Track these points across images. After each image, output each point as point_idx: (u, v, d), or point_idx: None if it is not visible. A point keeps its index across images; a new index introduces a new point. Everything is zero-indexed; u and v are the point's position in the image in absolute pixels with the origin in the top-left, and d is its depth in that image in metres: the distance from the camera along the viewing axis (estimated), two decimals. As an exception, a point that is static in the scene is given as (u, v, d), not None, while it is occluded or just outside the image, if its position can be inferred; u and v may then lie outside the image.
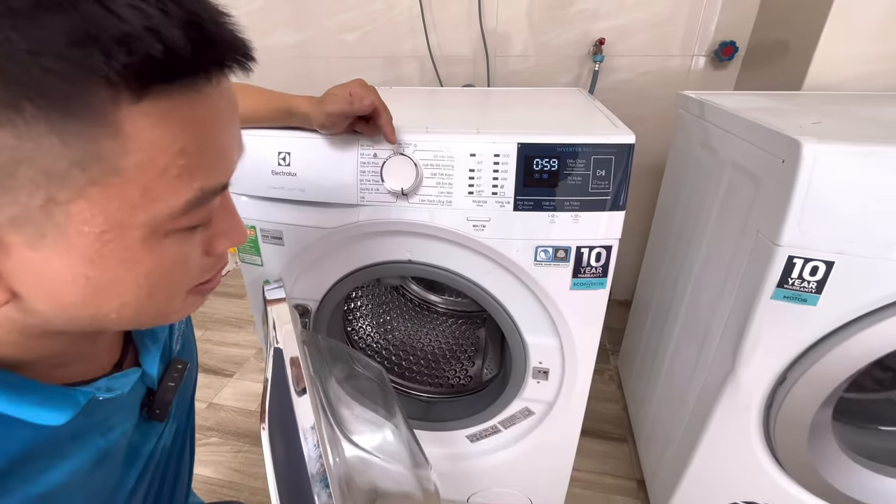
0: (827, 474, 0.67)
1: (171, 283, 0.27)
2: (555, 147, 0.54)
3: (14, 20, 0.17)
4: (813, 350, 0.59)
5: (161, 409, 0.38)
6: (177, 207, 0.23)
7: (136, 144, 0.21)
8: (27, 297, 0.23)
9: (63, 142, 0.19)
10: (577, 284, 0.60)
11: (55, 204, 0.21)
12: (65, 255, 0.22)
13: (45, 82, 0.18)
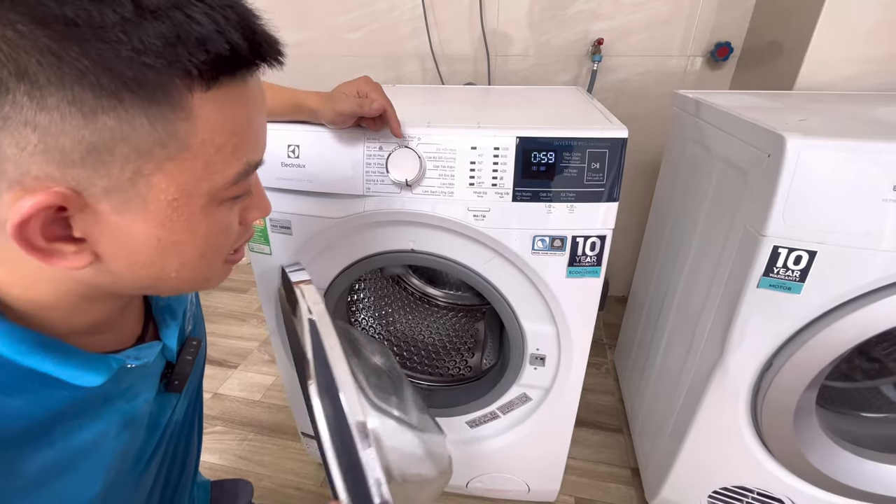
0: (812, 457, 0.70)
1: (218, 248, 0.31)
2: (552, 141, 0.56)
3: (123, 26, 0.21)
4: (797, 336, 0.62)
5: (179, 380, 0.42)
6: (229, 178, 0.28)
7: (202, 125, 0.25)
8: (107, 259, 0.27)
9: (151, 124, 0.24)
10: (573, 273, 0.63)
11: (140, 176, 0.25)
12: (143, 220, 0.26)
13: (142, 76, 0.22)
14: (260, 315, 1.63)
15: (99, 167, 0.23)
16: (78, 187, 0.24)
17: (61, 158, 0.22)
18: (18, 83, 0.20)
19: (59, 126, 0.22)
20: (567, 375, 0.73)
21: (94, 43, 0.21)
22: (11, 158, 0.22)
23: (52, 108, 0.21)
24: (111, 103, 0.22)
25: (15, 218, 0.23)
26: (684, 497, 0.88)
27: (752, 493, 0.80)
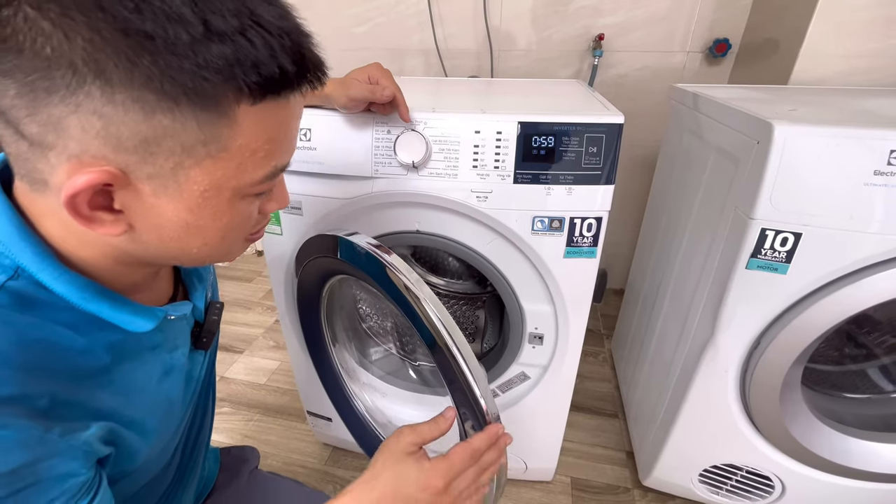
0: (797, 434, 0.73)
1: (237, 232, 0.35)
2: (552, 126, 0.59)
3: (192, 45, 0.25)
4: (784, 316, 0.65)
5: (207, 338, 0.46)
6: (256, 179, 0.32)
7: (242, 132, 0.29)
8: (139, 231, 0.31)
9: (199, 126, 0.27)
10: (570, 253, 0.66)
11: (181, 168, 0.28)
12: (175, 204, 0.30)
13: (200, 87, 0.26)
14: (265, 303, 1.66)
15: (147, 156, 0.27)
16: (126, 169, 0.27)
17: (117, 144, 0.26)
18: (95, 79, 0.24)
19: (122, 118, 0.25)
20: (564, 353, 0.76)
21: (165, 55, 0.25)
22: (75, 137, 0.26)
23: (119, 103, 0.25)
24: (169, 106, 0.26)
25: (70, 189, 0.26)
26: (676, 476, 0.91)
27: (741, 470, 0.83)
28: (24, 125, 0.25)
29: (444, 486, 0.43)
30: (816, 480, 0.78)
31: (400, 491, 0.42)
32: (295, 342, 0.88)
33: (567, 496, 0.99)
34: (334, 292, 0.80)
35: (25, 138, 0.26)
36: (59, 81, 0.24)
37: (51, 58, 0.23)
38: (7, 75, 0.24)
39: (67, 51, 0.23)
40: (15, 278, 0.29)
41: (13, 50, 0.23)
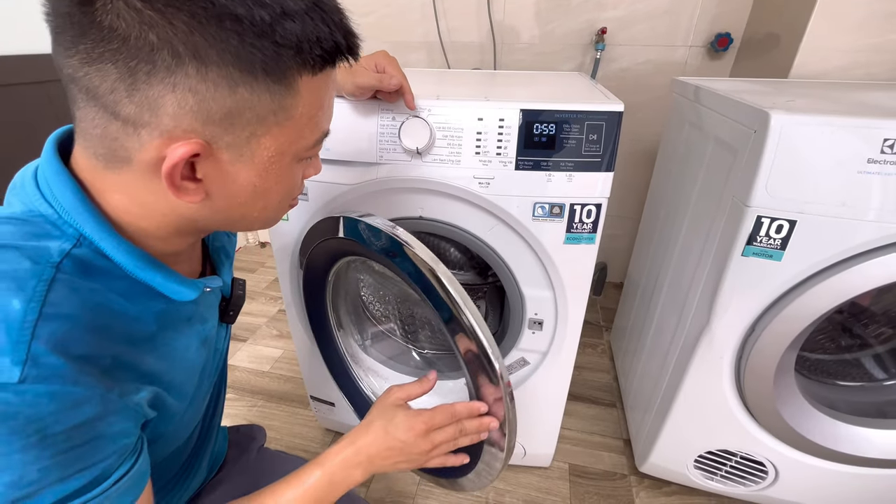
0: (791, 419, 0.74)
1: (290, 195, 0.39)
2: (553, 113, 0.61)
3: (272, 24, 0.28)
4: (778, 302, 0.66)
5: (234, 312, 0.50)
6: (311, 143, 0.36)
7: (303, 101, 0.33)
8: (214, 197, 0.34)
9: (271, 97, 0.31)
10: (570, 239, 0.67)
11: (254, 136, 0.32)
12: (247, 170, 0.33)
13: (275, 62, 0.30)
14: (268, 293, 1.68)
15: (229, 127, 0.30)
16: (210, 140, 0.30)
17: (206, 118, 0.29)
18: (192, 60, 0.27)
19: (213, 94, 0.29)
20: (563, 339, 0.78)
21: (250, 35, 0.28)
22: (170, 114, 0.29)
23: (210, 80, 0.28)
24: (249, 80, 0.29)
25: (172, 160, 0.29)
26: (672, 462, 0.93)
27: (736, 456, 0.85)
28: (121, 106, 0.28)
29: (425, 431, 0.52)
30: (809, 466, 0.80)
31: (389, 432, 0.51)
32: (300, 329, 0.90)
33: (565, 481, 1.01)
34: (340, 277, 0.81)
35: (119, 119, 0.29)
36: (160, 64, 0.27)
37: (154, 43, 0.26)
38: (110, 61, 0.27)
39: (171, 36, 0.26)
40: (78, 246, 0.32)
41: (119, 38, 0.26)
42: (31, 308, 0.27)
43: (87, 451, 0.30)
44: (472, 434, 0.55)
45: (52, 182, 0.32)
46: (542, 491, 0.99)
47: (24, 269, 0.28)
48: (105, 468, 0.31)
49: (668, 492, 0.99)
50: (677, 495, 0.98)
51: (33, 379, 0.26)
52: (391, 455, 0.51)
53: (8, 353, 0.26)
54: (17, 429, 0.26)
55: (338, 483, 0.48)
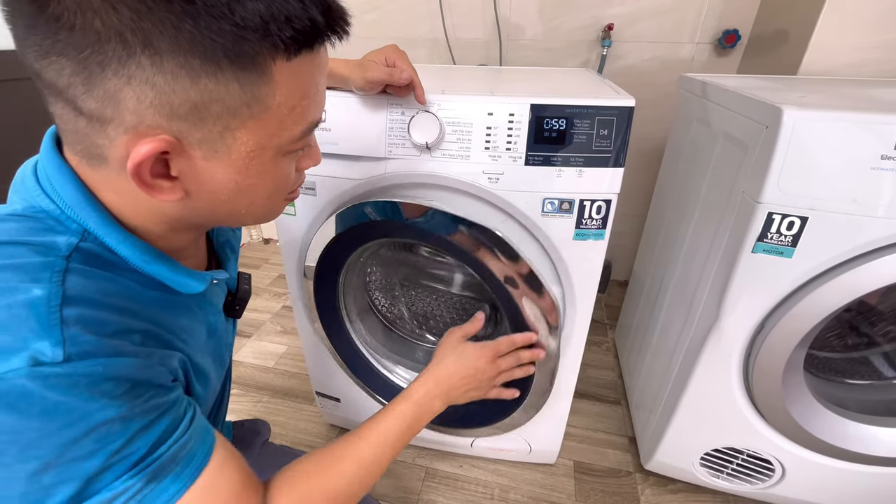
0: (799, 417, 0.74)
1: (280, 190, 0.37)
2: (563, 108, 0.60)
3: (230, 4, 0.26)
4: (788, 299, 0.66)
5: (240, 306, 0.50)
6: (296, 135, 0.33)
7: (280, 90, 0.30)
8: (193, 195, 0.33)
9: (241, 88, 0.28)
10: (579, 235, 0.67)
11: (228, 130, 0.30)
12: (225, 166, 0.32)
13: (239, 47, 0.27)
14: (272, 290, 1.68)
15: (197, 121, 0.28)
16: (179, 136, 0.29)
17: (170, 112, 0.28)
18: (144, 49, 0.25)
19: (171, 86, 0.27)
20: (570, 336, 0.77)
21: (205, 18, 0.25)
22: (131, 109, 0.27)
23: (167, 71, 0.26)
24: (212, 69, 0.27)
25: (135, 158, 0.28)
26: (677, 460, 0.92)
27: (743, 454, 0.85)
28: (81, 101, 0.27)
29: (492, 357, 0.61)
30: (816, 464, 0.79)
31: (462, 363, 0.60)
32: (306, 323, 0.90)
33: (570, 479, 1.01)
34: (348, 271, 0.81)
35: (84, 115, 0.28)
36: (111, 54, 0.25)
37: (100, 31, 0.25)
38: (62, 54, 0.25)
39: (116, 23, 0.24)
40: (84, 240, 0.32)
41: (65, 27, 0.25)
42: (54, 294, 0.28)
43: (153, 401, 0.31)
44: (526, 363, 0.64)
45: (52, 177, 0.32)
46: (546, 488, 0.99)
47: (36, 262, 0.29)
48: (175, 416, 0.33)
49: (673, 489, 0.99)
50: (683, 493, 0.98)
51: (77, 356, 0.27)
52: (465, 383, 0.60)
53: (45, 336, 0.26)
54: (84, 396, 0.27)
55: (423, 413, 0.56)
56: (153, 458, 0.31)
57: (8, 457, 0.26)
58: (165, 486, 0.31)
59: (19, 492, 0.27)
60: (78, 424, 0.27)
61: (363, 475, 0.47)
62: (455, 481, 1.01)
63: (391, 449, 0.51)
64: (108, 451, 0.28)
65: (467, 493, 0.98)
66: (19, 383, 0.25)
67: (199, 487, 0.33)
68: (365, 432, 0.50)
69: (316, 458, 0.45)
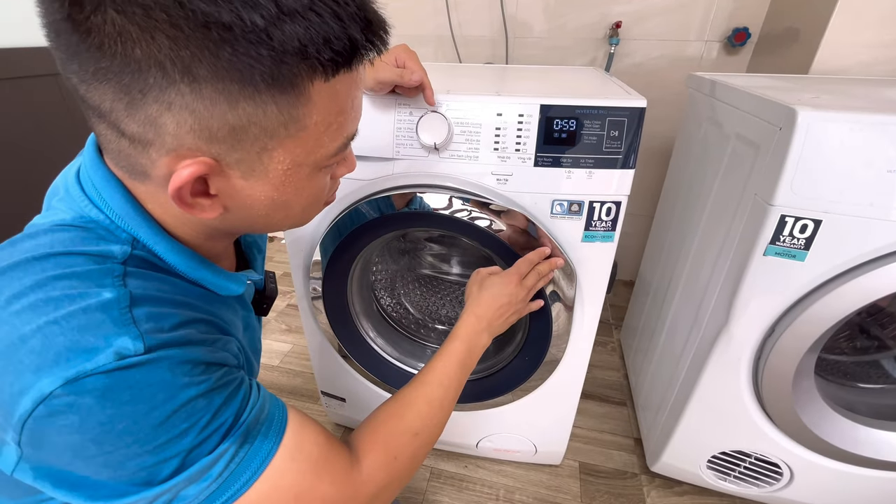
0: (809, 421, 0.73)
1: (317, 202, 0.38)
2: (574, 109, 0.60)
3: (267, 29, 0.25)
4: (800, 303, 0.65)
5: (268, 304, 0.51)
6: (332, 151, 0.34)
7: (317, 109, 0.30)
8: (232, 211, 0.34)
9: (278, 109, 0.29)
10: (588, 237, 0.66)
11: (265, 151, 0.30)
12: (262, 184, 0.32)
13: (277, 71, 0.27)
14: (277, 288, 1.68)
15: (235, 143, 0.29)
16: (218, 158, 0.29)
17: (209, 136, 0.28)
18: (183, 77, 0.26)
19: (210, 111, 0.27)
20: (578, 338, 0.77)
21: (243, 45, 0.25)
22: (171, 133, 0.28)
23: (206, 97, 0.26)
24: (250, 93, 0.27)
25: (175, 183, 0.29)
26: (684, 462, 0.92)
27: (750, 457, 0.84)
28: (124, 125, 0.28)
29: (518, 280, 0.64)
30: (826, 468, 0.79)
31: (495, 294, 0.63)
32: (312, 323, 0.90)
33: (575, 480, 1.01)
34: (355, 268, 0.81)
35: (126, 137, 0.29)
36: (152, 82, 0.26)
37: (140, 60, 0.25)
38: (104, 80, 0.26)
39: (155, 52, 0.25)
40: (135, 248, 0.33)
41: (107, 55, 0.25)
42: (122, 296, 0.29)
43: (226, 377, 0.33)
44: (546, 275, 0.66)
45: (100, 187, 0.33)
46: (552, 489, 0.99)
47: (96, 269, 0.30)
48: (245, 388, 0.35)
49: (679, 491, 0.98)
50: (689, 495, 0.98)
51: (156, 347, 0.29)
52: (503, 311, 0.62)
53: (123, 333, 0.28)
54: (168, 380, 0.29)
55: (473, 348, 0.59)
56: (239, 423, 0.33)
57: (109, 445, 0.28)
58: (258, 447, 0.33)
59: (127, 475, 0.29)
60: (166, 405, 0.29)
61: (435, 412, 0.50)
62: (460, 482, 1.01)
63: (453, 387, 0.54)
64: (199, 426, 0.30)
65: (472, 494, 0.98)
66: (109, 377, 0.27)
67: (287, 444, 0.35)
68: (425, 376, 0.53)
69: (388, 407, 0.48)
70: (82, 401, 0.27)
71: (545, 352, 0.76)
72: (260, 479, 0.33)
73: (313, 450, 0.37)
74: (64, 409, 0.26)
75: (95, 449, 0.28)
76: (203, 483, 0.31)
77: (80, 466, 0.28)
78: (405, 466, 0.45)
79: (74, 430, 0.27)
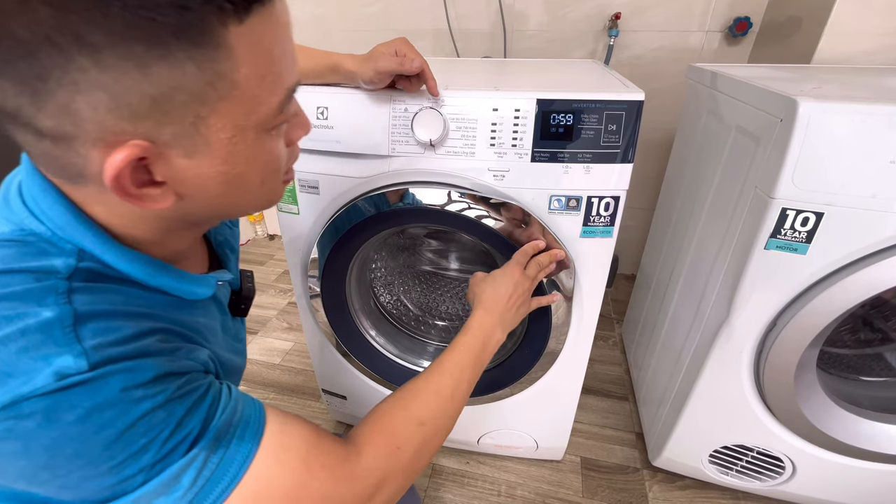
0: (811, 415, 0.73)
1: (275, 172, 0.35)
2: (570, 103, 0.59)
3: None
4: (802, 296, 0.65)
5: (245, 305, 0.49)
6: (274, 107, 0.30)
7: (243, 59, 0.27)
8: (186, 196, 0.31)
9: (198, 67, 0.25)
10: (587, 233, 0.66)
11: (200, 120, 0.27)
12: (209, 159, 0.29)
13: (182, 20, 0.24)
14: (277, 286, 1.68)
15: (163, 117, 0.26)
16: (150, 137, 0.26)
17: (131, 113, 0.25)
18: (80, 49, 0.23)
19: (122, 83, 0.24)
20: (578, 333, 0.76)
21: None
22: (89, 119, 0.25)
23: (112, 67, 0.23)
24: (160, 53, 0.24)
25: (110, 172, 0.26)
26: (686, 457, 0.92)
27: (752, 451, 0.84)
28: (38, 122, 0.25)
29: (521, 272, 0.63)
30: (828, 462, 0.78)
31: (500, 290, 0.61)
32: (311, 321, 0.90)
33: (577, 475, 1.01)
34: (353, 265, 0.81)
35: (47, 136, 0.26)
36: (47, 63, 0.23)
37: (25, 38, 0.22)
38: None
39: (38, 25, 0.22)
40: (81, 260, 0.30)
41: None
42: (65, 314, 0.27)
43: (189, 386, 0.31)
44: (546, 266, 0.66)
45: (38, 198, 0.30)
46: (554, 484, 0.99)
47: (37, 287, 0.28)
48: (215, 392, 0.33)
49: (681, 486, 0.98)
50: (691, 489, 0.98)
51: (101, 363, 0.27)
52: (512, 304, 0.61)
53: (64, 352, 0.27)
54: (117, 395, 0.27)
55: (488, 343, 0.57)
56: (208, 430, 0.31)
57: (61, 468, 0.27)
58: (234, 451, 0.32)
59: (91, 495, 0.27)
60: (117, 422, 0.27)
61: (444, 404, 0.48)
62: (462, 478, 1.01)
63: (465, 379, 0.52)
64: (160, 439, 0.29)
65: (474, 490, 0.98)
66: (50, 398, 0.26)
67: (269, 445, 0.33)
68: (438, 366, 0.51)
69: (394, 398, 0.46)
70: (22, 426, 0.25)
71: (545, 344, 0.75)
72: (242, 483, 0.31)
73: (300, 446, 0.35)
74: (4, 435, 0.25)
75: (48, 474, 0.27)
76: (174, 494, 0.29)
77: (39, 489, 0.27)
78: (410, 457, 0.43)
79: (20, 456, 0.26)
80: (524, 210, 0.65)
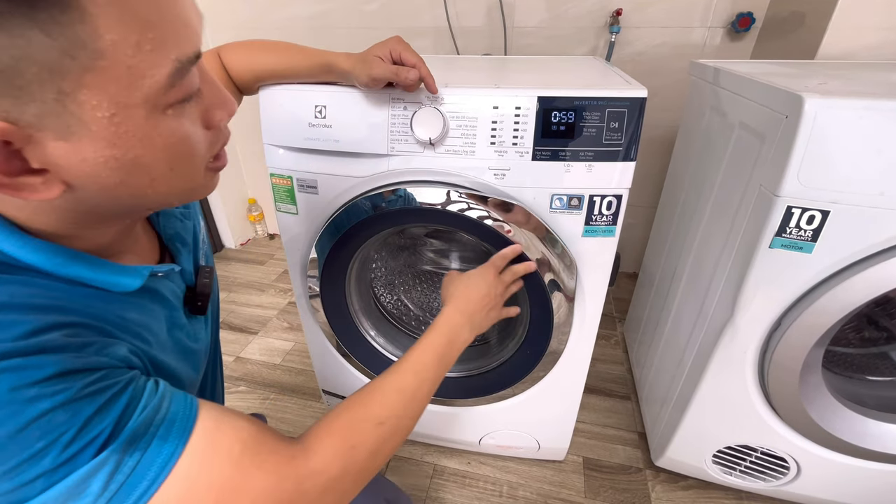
0: (816, 416, 0.72)
1: (186, 157, 0.31)
2: (572, 100, 0.58)
3: None
4: (808, 296, 0.64)
5: (202, 301, 0.46)
6: (162, 81, 0.26)
7: (104, 24, 0.23)
8: (77, 186, 0.28)
9: (45, 33, 0.22)
10: (589, 232, 0.65)
11: (64, 94, 0.24)
12: (91, 142, 0.26)
13: None
14: (278, 286, 1.68)
15: (17, 92, 0.23)
16: (10, 118, 0.23)
17: None
18: None
19: None
20: (580, 333, 0.76)
21: None
22: None
23: None
24: None
25: None
26: (689, 457, 0.91)
27: (756, 451, 0.83)
28: None
29: (495, 274, 0.64)
30: (833, 462, 0.78)
31: (472, 286, 0.61)
32: (311, 321, 0.89)
33: (579, 475, 1.00)
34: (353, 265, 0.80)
35: None
36: None
37: None
38: None
39: None
40: None
41: None
42: None
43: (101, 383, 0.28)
44: (520, 274, 0.66)
45: None
46: (556, 484, 0.99)
47: None
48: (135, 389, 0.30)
49: (684, 486, 0.98)
50: (694, 489, 0.97)
51: None
52: (483, 304, 0.60)
53: None
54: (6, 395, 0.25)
55: (454, 342, 0.56)
56: (123, 431, 0.28)
57: None
58: (155, 452, 0.29)
59: None
60: (7, 424, 0.25)
61: (406, 403, 0.47)
62: (463, 478, 1.00)
63: (429, 378, 0.51)
64: (61, 442, 0.26)
65: (476, 490, 0.98)
66: None
67: (197, 445, 0.31)
68: (400, 365, 0.50)
69: (354, 396, 0.45)
70: None
71: (547, 343, 0.75)
72: (163, 487, 0.29)
73: (234, 446, 0.32)
74: None
75: None
76: (82, 501, 0.27)
77: None
78: (365, 457, 0.40)
79: None
80: (525, 210, 0.64)
